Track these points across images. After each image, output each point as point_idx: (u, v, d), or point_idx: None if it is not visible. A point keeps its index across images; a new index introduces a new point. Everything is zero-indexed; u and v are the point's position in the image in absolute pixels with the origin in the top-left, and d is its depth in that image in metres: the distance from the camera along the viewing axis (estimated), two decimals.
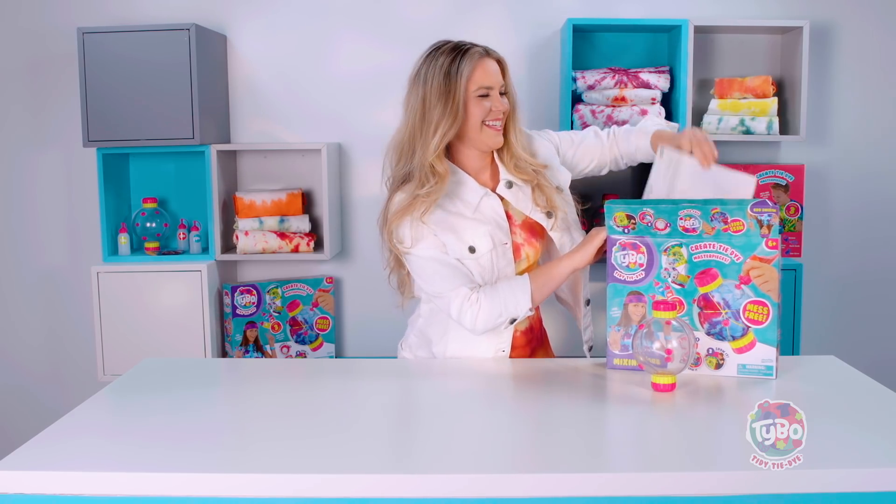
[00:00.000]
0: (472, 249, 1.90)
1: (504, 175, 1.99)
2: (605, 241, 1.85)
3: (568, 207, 2.03)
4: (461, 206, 1.94)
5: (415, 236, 1.90)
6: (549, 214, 1.98)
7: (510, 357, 1.99)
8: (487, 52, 1.93)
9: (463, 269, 1.90)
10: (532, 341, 2.06)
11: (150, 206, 3.11)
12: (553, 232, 1.99)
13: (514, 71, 3.13)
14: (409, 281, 2.00)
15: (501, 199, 1.97)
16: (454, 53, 1.89)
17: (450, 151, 1.97)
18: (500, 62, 1.95)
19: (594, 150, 2.13)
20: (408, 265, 1.95)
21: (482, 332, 1.91)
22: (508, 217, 1.97)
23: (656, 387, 1.67)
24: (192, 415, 1.61)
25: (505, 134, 1.96)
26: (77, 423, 1.56)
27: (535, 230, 2.00)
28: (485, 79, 1.89)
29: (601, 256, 1.89)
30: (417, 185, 1.89)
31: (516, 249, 1.97)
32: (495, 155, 2.01)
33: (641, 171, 3.20)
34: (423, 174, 1.89)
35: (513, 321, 1.90)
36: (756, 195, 3.22)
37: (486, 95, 1.90)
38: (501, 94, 1.93)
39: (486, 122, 1.91)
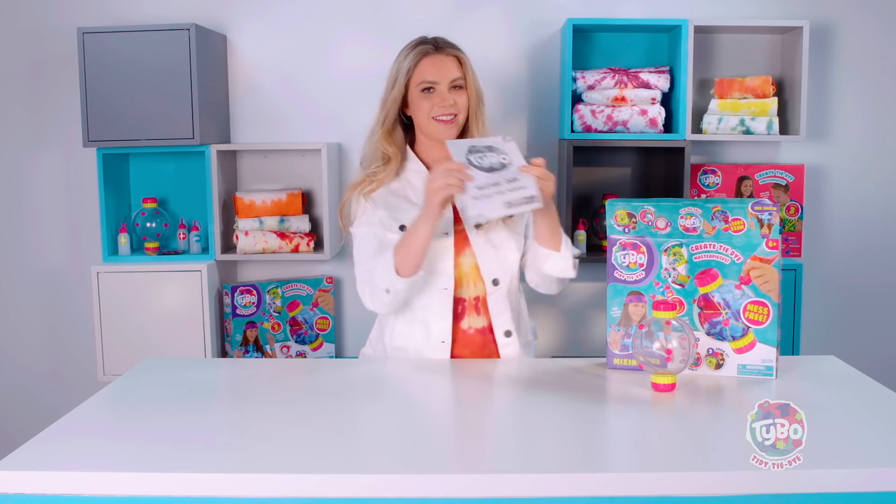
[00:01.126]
0: (402, 228, 1.97)
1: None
2: (452, 193, 1.80)
3: (505, 227, 2.00)
4: (409, 191, 2.02)
5: (356, 212, 2.02)
6: (477, 226, 1.98)
7: (463, 355, 1.99)
8: (438, 48, 1.99)
9: (382, 249, 1.96)
10: (491, 343, 2.01)
11: (150, 206, 3.11)
12: (476, 241, 1.98)
13: (514, 71, 3.17)
14: None
15: None
16: (408, 48, 2.01)
17: (414, 141, 2.08)
18: (458, 58, 2.00)
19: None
20: (352, 245, 2.05)
21: (378, 310, 2.00)
22: (458, 212, 2.00)
23: (656, 387, 1.67)
24: (192, 415, 1.61)
25: (466, 128, 2.02)
26: (77, 423, 1.56)
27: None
28: (427, 74, 1.97)
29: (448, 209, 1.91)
30: (368, 165, 2.05)
31: (460, 243, 1.98)
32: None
33: (641, 172, 3.21)
34: (376, 156, 2.04)
35: (387, 291, 1.91)
36: (756, 195, 3.22)
37: (430, 90, 1.97)
38: (459, 87, 1.98)
39: (434, 117, 1.97)
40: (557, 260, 1.95)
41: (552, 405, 1.63)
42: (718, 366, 1.77)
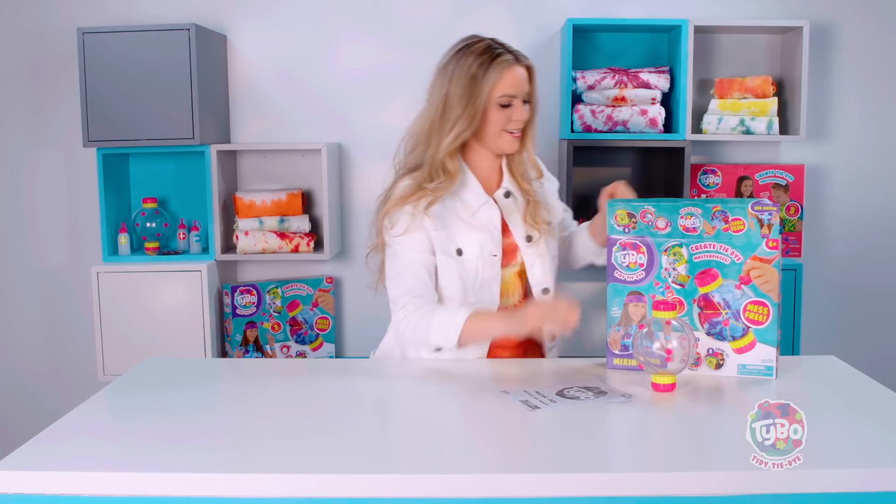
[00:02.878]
0: (459, 252, 1.91)
1: (506, 183, 1.99)
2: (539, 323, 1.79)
3: (551, 239, 2.02)
4: (461, 207, 1.94)
5: (408, 227, 1.90)
6: (528, 238, 1.98)
7: (505, 355, 1.98)
8: (517, 59, 1.90)
9: (427, 282, 1.90)
10: (526, 341, 2.02)
11: (150, 206, 3.11)
12: (527, 252, 1.98)
13: None
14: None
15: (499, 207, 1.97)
16: (483, 57, 1.86)
17: (464, 147, 1.96)
18: (529, 68, 1.92)
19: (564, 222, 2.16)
20: (386, 251, 1.95)
21: (407, 344, 1.94)
22: (505, 227, 1.97)
23: (656, 387, 1.67)
24: (192, 415, 1.61)
25: (521, 139, 1.96)
26: (77, 423, 1.56)
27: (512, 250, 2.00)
28: (510, 88, 1.87)
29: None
30: (426, 177, 1.90)
31: (507, 256, 1.97)
32: (504, 159, 2.00)
33: (641, 172, 3.21)
34: (434, 168, 1.90)
35: (438, 349, 1.89)
36: (756, 195, 3.22)
37: (509, 105, 1.89)
38: (525, 101, 1.92)
39: (506, 129, 1.90)
40: (599, 253, 2.08)
41: (552, 405, 1.63)
42: (718, 366, 1.77)
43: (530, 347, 2.04)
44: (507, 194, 1.98)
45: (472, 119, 1.87)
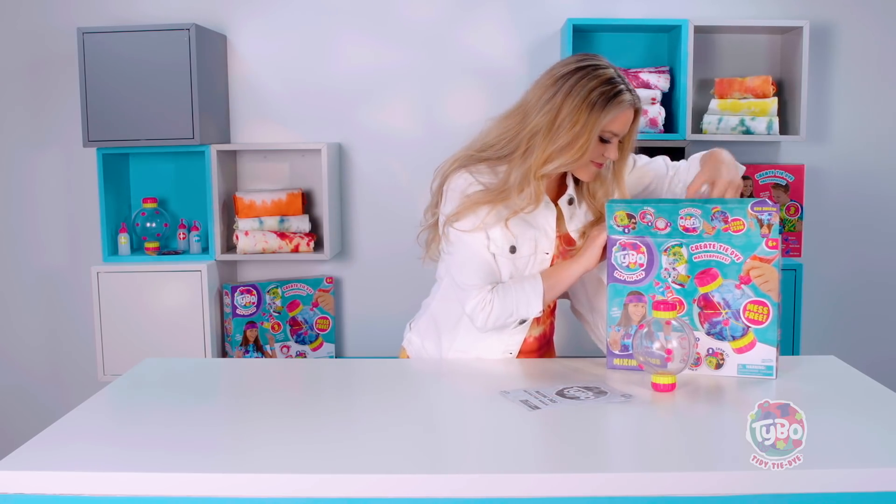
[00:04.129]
0: (513, 249, 1.88)
1: (570, 191, 1.96)
2: (607, 240, 1.84)
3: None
4: (539, 217, 1.90)
5: (473, 215, 1.84)
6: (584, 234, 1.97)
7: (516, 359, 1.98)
8: (634, 102, 1.84)
9: (494, 269, 1.88)
10: (543, 346, 2.05)
11: (150, 206, 3.11)
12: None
13: (514, 71, 3.17)
14: (437, 243, 1.96)
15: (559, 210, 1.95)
16: (607, 88, 1.80)
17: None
18: (636, 112, 1.87)
19: (659, 179, 2.06)
20: (449, 240, 1.89)
21: (489, 330, 1.90)
22: (563, 229, 1.96)
23: (656, 387, 1.67)
24: (192, 415, 1.61)
25: (618, 175, 1.94)
26: (77, 423, 1.56)
27: (571, 243, 1.98)
28: (618, 127, 1.82)
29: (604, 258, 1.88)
30: (517, 188, 1.83)
31: (553, 261, 1.96)
32: (574, 180, 1.97)
33: None
34: (525, 181, 1.83)
35: (522, 322, 1.90)
36: (756, 195, 3.22)
37: (609, 141, 1.84)
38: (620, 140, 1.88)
39: (594, 160, 1.86)
40: None
41: (552, 405, 1.63)
42: (718, 366, 1.77)
43: (547, 352, 2.06)
44: (571, 201, 1.97)
45: (582, 151, 1.80)
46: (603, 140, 1.83)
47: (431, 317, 2.03)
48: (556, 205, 1.94)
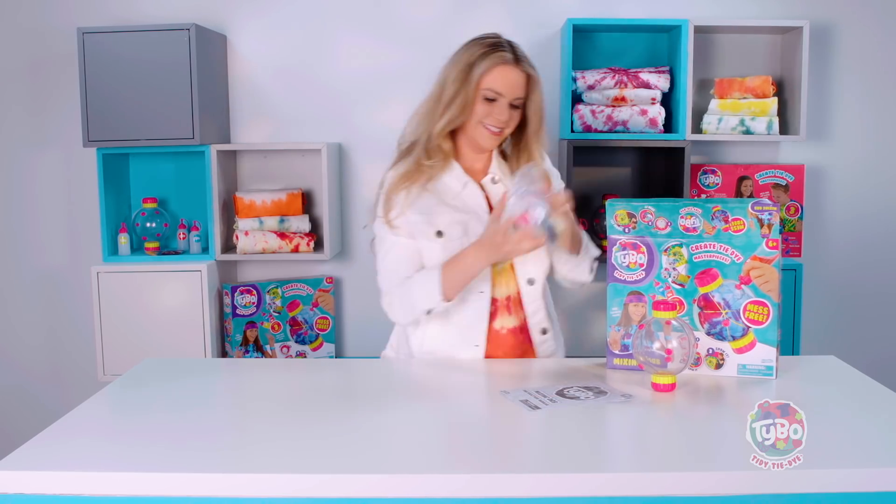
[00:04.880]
0: (439, 234, 1.93)
1: (493, 169, 2.00)
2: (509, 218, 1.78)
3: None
4: (444, 190, 1.97)
5: (391, 206, 1.94)
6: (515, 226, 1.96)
7: (496, 356, 1.98)
8: (517, 62, 1.91)
9: (410, 266, 1.94)
10: (520, 339, 2.01)
11: (150, 206, 3.11)
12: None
13: None
14: None
15: (484, 191, 1.99)
16: (485, 49, 1.91)
17: (452, 134, 1.99)
18: (529, 76, 1.93)
19: None
20: (376, 233, 2.00)
21: (407, 325, 1.98)
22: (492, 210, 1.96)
23: (656, 387, 1.67)
24: (192, 415, 1.61)
25: (525, 147, 1.98)
26: (77, 423, 1.56)
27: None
28: (496, 84, 1.89)
29: (536, 244, 1.81)
30: (424, 155, 1.95)
31: None
32: (497, 153, 2.02)
33: (641, 172, 3.21)
34: (430, 148, 1.95)
35: (429, 312, 1.91)
36: (756, 195, 3.23)
37: (494, 100, 1.90)
38: (516, 107, 1.92)
39: (484, 123, 1.92)
40: (573, 265, 1.99)
41: (552, 405, 1.63)
42: (718, 366, 1.77)
43: (519, 345, 2.01)
44: (495, 180, 2.00)
45: (464, 105, 1.90)
46: (488, 99, 1.90)
47: (400, 327, 2.08)
48: (481, 186, 1.99)
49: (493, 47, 1.91)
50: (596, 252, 2.03)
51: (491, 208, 1.97)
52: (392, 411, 1.65)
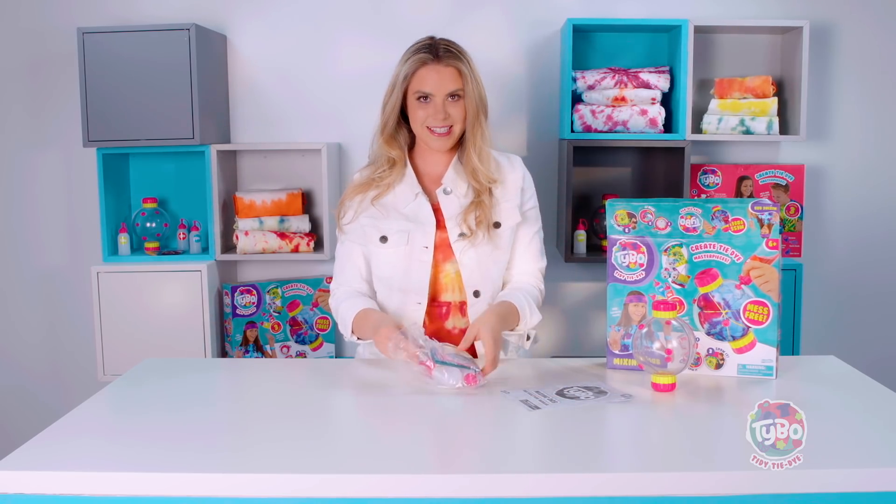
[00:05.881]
0: (383, 239, 1.99)
1: (446, 180, 2.02)
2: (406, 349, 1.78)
3: (490, 241, 1.99)
4: (397, 200, 2.02)
5: (353, 217, 2.03)
6: (460, 235, 1.98)
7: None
8: (437, 58, 1.94)
9: (361, 272, 2.04)
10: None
11: (150, 206, 3.11)
12: (460, 250, 1.97)
13: (514, 71, 3.16)
14: None
15: (437, 203, 2.02)
16: (410, 54, 1.97)
17: (414, 144, 2.06)
18: (457, 69, 1.95)
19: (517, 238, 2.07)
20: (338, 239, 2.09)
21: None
22: (442, 223, 1.99)
23: (656, 387, 1.67)
24: (192, 415, 1.61)
25: (464, 138, 2.00)
26: (77, 423, 1.56)
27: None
28: (423, 84, 1.94)
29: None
30: (376, 167, 2.03)
31: (445, 252, 1.99)
32: (456, 159, 2.04)
33: (641, 172, 3.21)
34: (380, 160, 2.02)
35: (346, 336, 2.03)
36: (756, 195, 3.23)
37: (426, 99, 1.95)
38: (456, 98, 1.95)
39: (429, 127, 1.95)
40: (521, 332, 2.02)
41: (552, 405, 1.63)
42: (718, 366, 1.77)
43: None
44: (447, 192, 2.02)
45: (394, 107, 1.97)
46: (421, 101, 1.95)
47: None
48: (432, 197, 2.03)
49: (416, 51, 1.96)
50: (537, 317, 2.00)
51: (440, 219, 1.99)
52: (392, 411, 1.65)
